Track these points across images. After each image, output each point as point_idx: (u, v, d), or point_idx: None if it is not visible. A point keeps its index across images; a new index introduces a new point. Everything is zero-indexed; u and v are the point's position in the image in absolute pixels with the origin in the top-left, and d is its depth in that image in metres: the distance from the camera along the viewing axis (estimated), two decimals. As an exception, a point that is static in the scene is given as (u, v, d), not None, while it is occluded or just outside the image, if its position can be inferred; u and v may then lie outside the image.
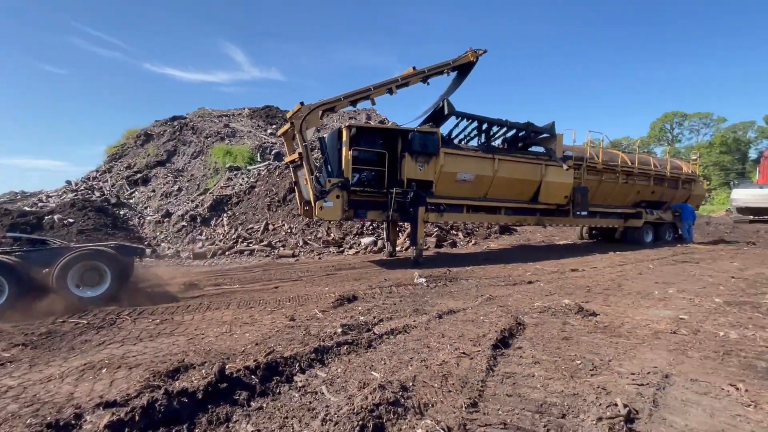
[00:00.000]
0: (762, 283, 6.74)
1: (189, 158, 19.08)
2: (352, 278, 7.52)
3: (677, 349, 3.64)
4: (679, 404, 2.61)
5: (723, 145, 50.87)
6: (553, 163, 11.08)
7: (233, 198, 14.94)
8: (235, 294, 6.25)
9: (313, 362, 3.21)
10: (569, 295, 5.94)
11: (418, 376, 2.96)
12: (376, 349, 3.58)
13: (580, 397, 2.67)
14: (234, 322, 4.63)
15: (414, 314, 4.80)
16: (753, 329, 4.21)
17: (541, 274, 7.92)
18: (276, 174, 15.84)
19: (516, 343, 3.79)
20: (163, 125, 21.56)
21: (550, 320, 4.54)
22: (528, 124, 11.05)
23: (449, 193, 9.97)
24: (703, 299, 5.61)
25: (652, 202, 14.12)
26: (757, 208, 25.33)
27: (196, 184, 17.07)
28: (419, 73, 9.82)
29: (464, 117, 10.47)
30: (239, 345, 3.75)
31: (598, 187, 12.48)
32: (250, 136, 20.59)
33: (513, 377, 3.01)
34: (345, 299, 5.49)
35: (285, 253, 10.83)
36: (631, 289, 6.39)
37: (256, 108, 24.87)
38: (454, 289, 6.51)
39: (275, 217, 13.52)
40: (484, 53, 10.66)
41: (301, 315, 4.84)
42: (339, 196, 8.62)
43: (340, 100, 8.95)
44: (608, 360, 3.36)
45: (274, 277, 7.73)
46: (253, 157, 18.44)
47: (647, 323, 4.46)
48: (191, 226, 13.58)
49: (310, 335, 3.90)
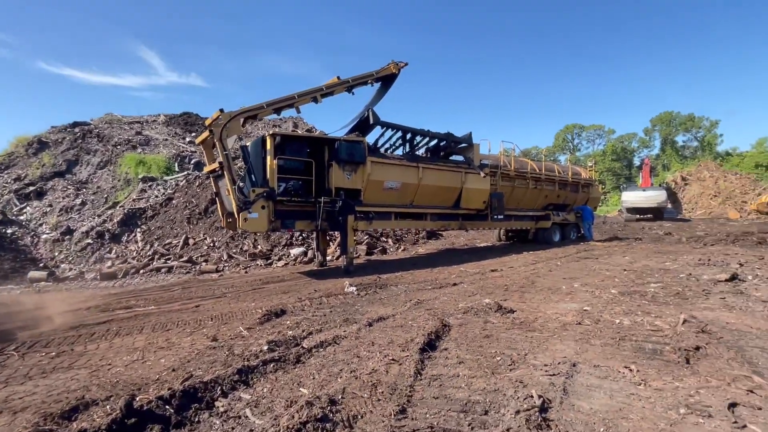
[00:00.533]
0: (647, 274, 7.76)
1: (94, 168, 17.18)
2: (280, 291, 7.30)
3: (582, 338, 4.05)
4: (584, 390, 2.91)
5: (613, 153, 58.07)
6: (472, 170, 11.81)
7: (148, 211, 13.73)
8: (150, 316, 5.74)
9: (236, 384, 3.06)
10: (490, 294, 6.33)
11: (347, 387, 2.97)
12: (305, 364, 3.52)
13: (500, 393, 2.85)
14: (147, 347, 4.25)
15: (344, 324, 4.80)
16: (642, 315, 4.83)
17: (464, 275, 8.35)
18: (196, 184, 14.88)
19: (442, 344, 3.96)
20: (62, 132, 19.17)
21: (473, 320, 4.81)
22: (448, 135, 11.69)
23: (377, 200, 10.15)
24: (602, 291, 6.30)
25: (558, 204, 15.66)
26: (641, 208, 29.42)
27: (103, 197, 15.40)
28: (344, 82, 9.92)
29: (389, 127, 10.75)
30: (153, 373, 3.45)
31: (512, 193, 13.52)
32: (167, 144, 19.14)
33: (439, 379, 3.13)
34: (272, 314, 5.31)
35: (207, 269, 10.19)
36: (543, 285, 6.98)
37: (173, 115, 23.20)
38: (384, 295, 6.61)
39: (196, 230, 12.68)
40: (405, 66, 11.08)
41: (224, 334, 4.59)
42: (264, 206, 8.34)
43: (263, 107, 8.71)
44: (524, 354, 3.64)
45: (195, 295, 7.23)
46: (170, 166, 17.14)
47: (557, 316, 4.90)
48: (98, 243, 12.22)
49: (234, 355, 3.72)
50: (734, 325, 4.33)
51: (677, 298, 5.70)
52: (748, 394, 2.77)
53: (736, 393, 2.78)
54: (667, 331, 4.16)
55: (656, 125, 59.61)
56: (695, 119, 55.91)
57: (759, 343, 3.76)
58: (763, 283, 6.60)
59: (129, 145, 18.23)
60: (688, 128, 56.63)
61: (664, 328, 4.25)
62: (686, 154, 56.01)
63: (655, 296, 5.85)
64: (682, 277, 7.27)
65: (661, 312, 4.96)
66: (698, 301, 5.54)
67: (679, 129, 57.42)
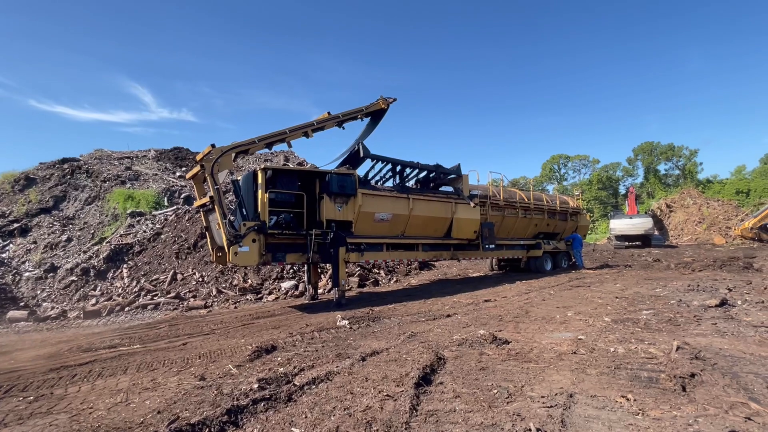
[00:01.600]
0: (639, 301, 7.80)
1: (82, 204, 17.01)
2: (271, 326, 7.14)
3: (578, 368, 4.02)
4: (582, 421, 2.86)
5: (599, 182, 59.36)
6: (462, 201, 11.97)
7: (135, 246, 13.52)
8: (135, 356, 5.55)
9: (225, 425, 2.95)
10: (484, 325, 6.28)
11: (341, 426, 2.88)
12: (297, 402, 3.41)
13: (498, 427, 2.79)
14: (132, 389, 4.09)
15: (337, 359, 4.69)
16: (636, 343, 4.82)
17: (458, 306, 8.29)
18: (186, 218, 14.78)
19: (437, 378, 3.89)
20: (50, 168, 19.09)
21: (468, 352, 4.74)
22: (437, 166, 11.92)
23: (368, 232, 10.16)
24: (595, 319, 6.30)
25: (548, 233, 15.82)
26: (630, 235, 29.86)
27: (89, 233, 15.17)
28: (334, 117, 10.15)
29: (379, 159, 10.94)
30: (137, 416, 3.31)
31: (502, 222, 13.67)
32: (156, 179, 19.13)
33: (436, 414, 3.06)
34: (263, 350, 5.18)
35: (196, 305, 9.96)
36: (537, 315, 6.96)
37: (163, 150, 23.32)
38: (377, 328, 6.51)
39: (185, 265, 12.48)
40: (394, 101, 11.41)
41: (212, 373, 4.44)
42: (255, 239, 8.29)
43: (255, 142, 8.83)
44: (521, 386, 3.58)
45: (183, 333, 7.04)
46: (159, 201, 17.06)
47: (552, 346, 4.87)
48: (82, 280, 11.93)
49: (223, 395, 3.59)
50: (727, 351, 4.34)
51: (669, 325, 5.71)
52: (746, 421, 2.75)
53: (735, 420, 2.75)
54: (661, 358, 4.15)
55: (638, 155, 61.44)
56: (675, 148, 57.82)
57: (753, 369, 3.76)
58: (753, 307, 6.66)
59: (118, 180, 18.18)
60: (669, 157, 58.43)
61: (658, 356, 4.24)
62: (669, 182, 57.51)
63: (648, 323, 5.86)
64: (673, 304, 7.31)
65: (655, 339, 4.96)
66: (690, 327, 5.56)
67: (660, 158, 59.20)
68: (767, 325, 5.41)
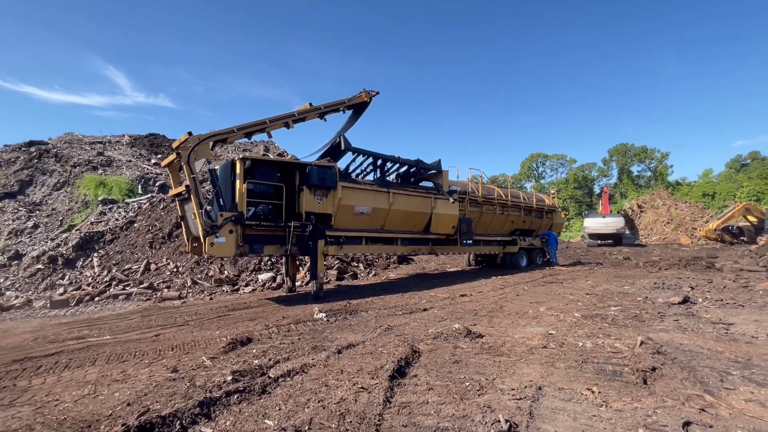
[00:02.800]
0: (608, 298, 8.08)
1: (50, 190, 16.33)
2: (247, 318, 7.07)
3: (547, 361, 4.15)
4: (549, 413, 2.96)
5: (575, 181, 60.92)
6: (441, 196, 12.08)
7: (107, 235, 13.10)
8: (105, 347, 5.41)
9: (197, 418, 2.93)
10: (459, 319, 6.39)
11: (314, 418, 2.90)
12: (271, 395, 3.41)
13: (469, 419, 2.87)
14: (100, 380, 4.00)
15: (313, 352, 4.70)
16: (603, 338, 5.01)
17: (435, 301, 8.40)
18: (161, 207, 14.40)
19: (412, 371, 3.95)
20: (16, 151, 18.22)
21: (443, 345, 4.83)
22: (418, 161, 11.97)
23: (348, 225, 10.15)
24: (566, 315, 6.50)
25: (524, 230, 16.16)
26: (602, 234, 30.84)
27: (58, 220, 14.60)
28: (315, 109, 10.04)
29: (360, 153, 10.90)
30: (105, 408, 3.24)
31: (480, 218, 13.87)
32: (130, 165, 18.52)
33: (409, 406, 3.11)
34: (238, 342, 5.14)
35: (169, 296, 9.75)
36: (510, 310, 7.13)
37: (138, 135, 22.57)
38: (354, 321, 6.54)
39: (159, 255, 12.18)
40: (376, 95, 11.36)
41: (185, 365, 4.38)
42: (232, 230, 8.16)
43: (234, 131, 8.65)
44: (492, 379, 3.68)
45: (155, 324, 6.90)
46: (133, 189, 16.55)
47: (524, 340, 5.01)
48: (50, 268, 11.49)
49: (195, 387, 3.56)
50: (687, 346, 4.56)
51: (635, 321, 5.95)
52: (701, 412, 2.91)
53: (690, 412, 2.91)
54: (626, 352, 4.33)
55: (613, 156, 63.30)
56: (648, 151, 59.83)
57: (709, 363, 3.97)
58: (712, 305, 7.01)
59: (89, 165, 17.52)
60: (642, 159, 60.44)
61: (623, 350, 4.42)
62: (641, 183, 59.53)
63: (615, 319, 6.08)
64: (639, 301, 7.61)
65: (621, 334, 5.16)
66: (654, 323, 5.81)
67: (634, 159, 61.14)
68: (724, 322, 5.70)
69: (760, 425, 2.70)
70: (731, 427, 2.69)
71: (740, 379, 3.54)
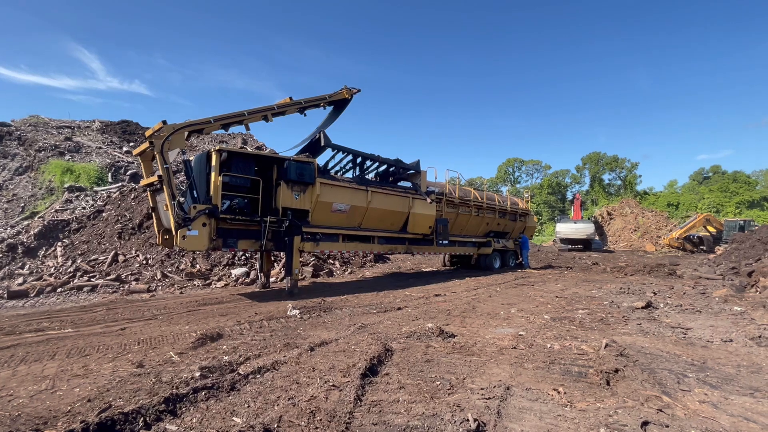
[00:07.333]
0: (576, 301, 8.33)
1: (11, 174, 15.53)
2: (218, 314, 6.93)
3: (516, 362, 4.24)
4: (517, 412, 3.03)
5: (549, 187, 62.50)
6: (419, 196, 12.16)
7: (72, 223, 12.57)
8: (65, 340, 5.19)
9: (162, 414, 2.85)
10: (432, 319, 6.46)
11: (284, 415, 2.87)
12: (240, 392, 3.36)
13: (438, 417, 2.90)
14: (59, 375, 3.83)
15: (285, 349, 4.65)
16: (570, 340, 5.16)
17: (409, 300, 8.45)
18: (131, 197, 13.91)
19: (384, 369, 3.96)
20: (-27, 131, 17.24)
21: (416, 344, 4.86)
22: (397, 161, 12.02)
23: (325, 222, 10.08)
24: (536, 317, 6.66)
25: (498, 232, 16.47)
26: (573, 239, 31.82)
27: (19, 206, 13.90)
28: (296, 103, 9.92)
29: (340, 150, 10.84)
30: (64, 404, 3.11)
31: (456, 219, 14.05)
32: (100, 152, 17.81)
33: (379, 405, 3.12)
34: (207, 338, 5.03)
35: (138, 288, 9.44)
36: (483, 310, 7.25)
37: (110, 122, 21.73)
38: (328, 319, 6.51)
39: (128, 246, 11.77)
40: (358, 92, 11.32)
41: (152, 360, 4.26)
42: (206, 223, 7.97)
43: (210, 122, 8.45)
44: (463, 378, 3.73)
45: (122, 317, 6.67)
46: (102, 177, 15.93)
47: (494, 341, 5.10)
48: (8, 257, 10.94)
49: (161, 383, 3.46)
50: (648, 349, 4.76)
51: (601, 324, 6.16)
52: (658, 413, 3.04)
53: (648, 412, 3.04)
54: (591, 354, 4.48)
55: (586, 163, 65.19)
56: (619, 160, 61.92)
57: (668, 366, 4.16)
58: (672, 310, 7.33)
59: (56, 151, 16.77)
60: (613, 168, 62.50)
61: (588, 352, 4.57)
62: (611, 191, 61.59)
63: (582, 322, 6.28)
64: (605, 304, 7.88)
65: (587, 337, 5.33)
66: (619, 326, 6.03)
67: (605, 168, 63.16)
68: (683, 327, 5.98)
69: (712, 426, 2.85)
70: (686, 427, 2.82)
71: (695, 382, 3.72)
